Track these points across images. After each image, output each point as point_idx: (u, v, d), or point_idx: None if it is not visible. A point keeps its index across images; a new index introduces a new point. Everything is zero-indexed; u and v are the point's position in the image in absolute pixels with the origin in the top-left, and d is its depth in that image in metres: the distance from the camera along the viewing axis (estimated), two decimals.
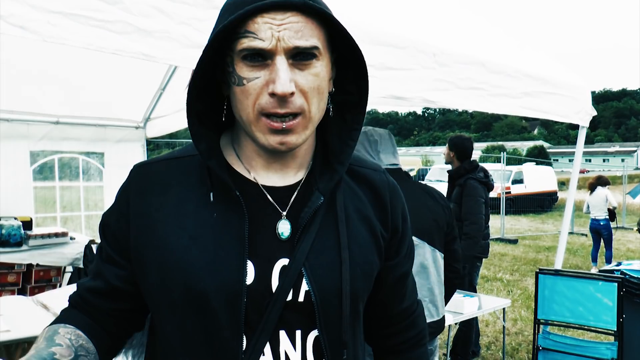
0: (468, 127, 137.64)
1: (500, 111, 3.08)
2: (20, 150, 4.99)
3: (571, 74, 3.70)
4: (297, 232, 0.95)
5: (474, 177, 4.54)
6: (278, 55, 0.85)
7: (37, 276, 4.73)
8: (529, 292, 7.37)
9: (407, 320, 1.18)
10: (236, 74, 0.88)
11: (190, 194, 0.95)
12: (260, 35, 0.84)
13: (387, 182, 1.10)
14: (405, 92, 2.43)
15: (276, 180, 0.98)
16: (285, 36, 0.84)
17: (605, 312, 3.58)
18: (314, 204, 0.95)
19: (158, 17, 1.63)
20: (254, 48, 0.85)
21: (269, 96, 0.86)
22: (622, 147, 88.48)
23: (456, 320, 3.86)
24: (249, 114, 0.88)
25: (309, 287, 0.92)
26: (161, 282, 0.93)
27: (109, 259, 1.00)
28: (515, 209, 18.80)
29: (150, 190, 0.97)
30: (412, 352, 1.19)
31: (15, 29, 1.38)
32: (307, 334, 0.94)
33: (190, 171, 0.98)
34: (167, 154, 1.04)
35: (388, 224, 1.07)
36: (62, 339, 0.92)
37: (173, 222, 0.94)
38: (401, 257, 1.12)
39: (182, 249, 0.91)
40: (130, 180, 1.00)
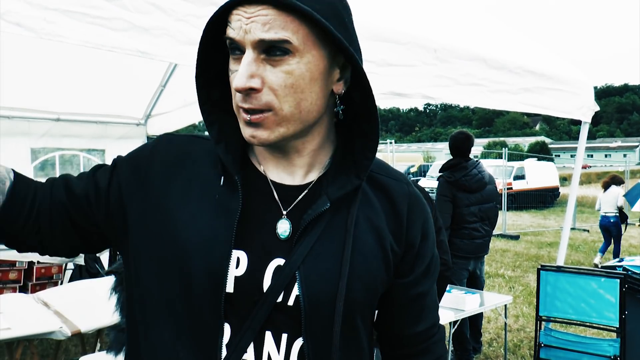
0: (470, 123, 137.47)
1: (501, 107, 3.07)
2: (21, 147, 4.99)
3: (573, 69, 3.68)
4: (297, 233, 0.92)
5: (444, 175, 4.70)
6: (247, 49, 0.84)
7: (38, 273, 4.74)
8: (531, 289, 7.36)
9: (423, 345, 1.08)
10: (229, 66, 0.90)
11: (202, 173, 0.96)
12: (232, 25, 0.85)
13: (408, 193, 1.03)
14: (405, 88, 2.42)
15: (285, 178, 0.97)
16: (252, 28, 0.82)
17: (607, 309, 3.57)
18: (319, 208, 0.92)
19: (155, 13, 1.62)
20: (228, 37, 0.86)
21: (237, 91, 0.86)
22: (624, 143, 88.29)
23: (458, 317, 3.86)
24: (235, 105, 0.89)
25: (299, 291, 0.89)
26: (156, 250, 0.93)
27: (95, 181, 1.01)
28: (517, 205, 18.78)
29: (170, 159, 0.98)
30: None
31: (11, 26, 1.36)
32: (293, 339, 0.91)
33: (209, 152, 0.98)
34: (193, 134, 1.05)
35: (402, 238, 1.00)
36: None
37: (179, 196, 0.94)
38: (417, 275, 1.03)
39: (182, 224, 0.92)
40: (158, 143, 1.02)
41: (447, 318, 3.71)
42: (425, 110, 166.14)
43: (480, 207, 4.74)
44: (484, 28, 3.25)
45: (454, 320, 3.79)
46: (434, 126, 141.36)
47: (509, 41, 3.34)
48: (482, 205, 4.75)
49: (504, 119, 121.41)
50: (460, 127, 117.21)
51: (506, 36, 3.38)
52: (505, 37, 3.35)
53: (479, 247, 4.77)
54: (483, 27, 3.26)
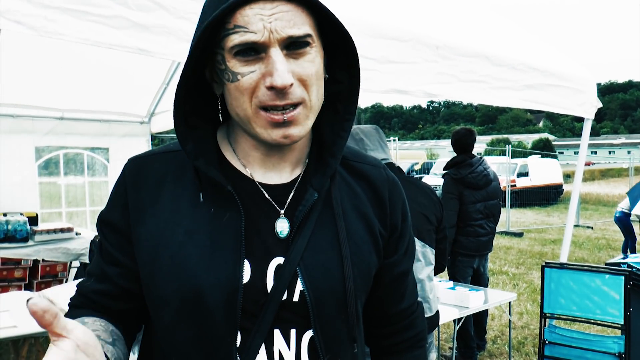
0: (473, 120, 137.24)
1: (503, 104, 3.06)
2: (25, 145, 5.01)
3: (576, 65, 3.67)
4: (293, 230, 0.93)
5: (449, 172, 4.67)
6: (272, 47, 0.83)
7: (43, 271, 4.75)
8: (535, 286, 7.35)
9: (406, 321, 1.16)
10: (229, 71, 0.85)
11: (186, 190, 0.93)
12: (251, 28, 0.82)
13: (386, 178, 1.07)
14: (407, 85, 2.42)
15: (273, 177, 0.96)
16: (278, 27, 0.82)
17: (611, 306, 3.56)
18: (308, 201, 0.93)
19: (157, 11, 1.62)
20: (246, 42, 0.82)
21: (267, 89, 0.83)
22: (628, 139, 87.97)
23: (462, 314, 3.86)
24: (246, 110, 0.86)
25: (304, 287, 0.91)
26: (154, 277, 0.91)
27: (113, 260, 0.97)
28: (521, 202, 18.75)
29: (145, 184, 0.95)
30: (410, 353, 1.16)
31: (12, 24, 1.37)
32: (302, 333, 0.93)
33: (186, 165, 0.95)
34: (163, 147, 1.01)
35: (387, 222, 1.04)
36: (94, 325, 0.88)
37: (168, 217, 0.92)
38: (399, 255, 1.09)
39: (177, 244, 0.90)
40: (125, 174, 0.98)
41: (451, 315, 3.70)
42: (428, 108, 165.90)
43: (485, 204, 4.74)
44: (486, 25, 3.24)
45: (459, 317, 3.79)
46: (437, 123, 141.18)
47: (511, 38, 3.33)
48: (487, 202, 4.75)
49: (507, 116, 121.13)
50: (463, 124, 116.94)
51: (509, 33, 3.37)
52: (508, 34, 3.34)
53: (484, 244, 4.77)
54: (486, 24, 3.25)
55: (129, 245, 0.94)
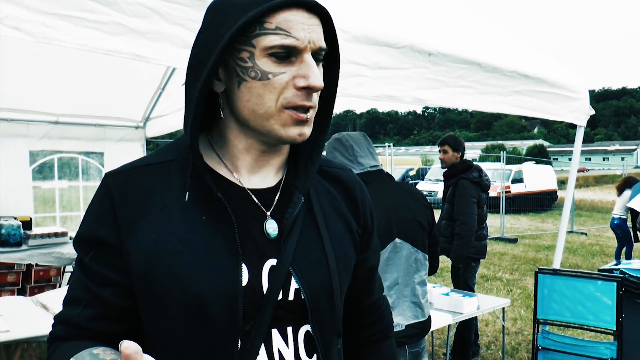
0: (468, 126, 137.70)
1: (490, 109, 3.06)
2: (19, 149, 5.00)
3: (569, 73, 3.69)
4: (284, 233, 0.97)
5: (466, 176, 4.56)
6: (306, 53, 0.89)
7: (36, 276, 4.74)
8: (529, 292, 7.37)
9: (377, 313, 1.23)
10: (259, 69, 0.89)
11: (174, 199, 0.94)
12: (293, 33, 0.88)
13: (355, 180, 1.15)
14: (397, 91, 2.44)
15: (258, 182, 1.00)
16: (314, 38, 0.90)
17: (604, 312, 3.58)
18: (297, 204, 0.99)
19: (152, 17, 1.63)
20: (288, 46, 0.88)
21: (297, 90, 0.89)
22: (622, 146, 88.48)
23: (456, 320, 3.86)
24: (270, 108, 0.90)
25: (299, 285, 0.95)
26: (150, 290, 0.90)
27: (104, 280, 0.93)
28: (515, 208, 18.80)
29: (133, 198, 0.93)
30: (382, 344, 1.24)
31: (10, 30, 1.38)
32: (297, 329, 0.97)
33: (171, 176, 0.96)
34: (142, 160, 1.00)
35: (360, 220, 1.12)
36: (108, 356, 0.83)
37: (160, 228, 0.91)
38: (371, 250, 1.17)
39: (173, 254, 0.90)
40: (109, 188, 0.94)
41: (445, 321, 3.71)
42: (423, 114, 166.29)
43: (485, 207, 4.77)
44: (480, 33, 3.26)
45: (452, 323, 3.80)
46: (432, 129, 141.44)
47: (505, 46, 3.35)
48: (485, 205, 4.78)
49: (501, 122, 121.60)
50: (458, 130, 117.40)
51: (503, 42, 3.39)
52: (501, 43, 3.36)
53: (485, 248, 4.80)
54: (479, 32, 3.27)
55: (121, 262, 0.92)
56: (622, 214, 9.35)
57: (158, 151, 1.03)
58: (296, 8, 0.88)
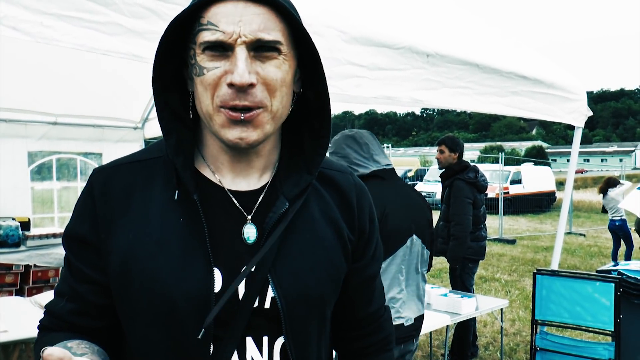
0: (466, 127, 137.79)
1: (486, 110, 3.06)
2: (18, 150, 4.99)
3: (567, 75, 3.70)
4: (262, 238, 0.93)
5: (462, 177, 4.57)
6: (237, 47, 0.83)
7: (34, 277, 4.73)
8: (527, 293, 7.37)
9: (375, 324, 1.17)
10: (197, 65, 0.86)
11: (155, 199, 0.92)
12: (221, 27, 0.83)
13: (353, 184, 1.09)
14: (395, 91, 2.44)
15: (241, 183, 0.96)
16: (247, 29, 0.83)
17: (602, 313, 3.58)
18: (279, 210, 0.93)
19: (150, 18, 1.63)
20: (215, 41, 0.84)
21: (227, 87, 0.84)
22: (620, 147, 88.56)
23: (454, 321, 3.87)
24: (208, 106, 0.86)
25: (275, 293, 0.91)
26: (125, 290, 0.89)
27: (84, 277, 0.94)
28: (514, 209, 18.81)
29: (113, 195, 0.93)
30: (378, 356, 1.17)
31: (9, 30, 1.39)
32: (274, 340, 0.94)
33: (155, 174, 0.94)
34: (129, 157, 0.99)
35: (355, 226, 1.05)
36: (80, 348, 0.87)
37: (137, 228, 0.90)
38: (367, 259, 1.10)
39: (148, 256, 0.88)
40: (92, 185, 0.95)
41: (443, 321, 3.72)
42: (422, 115, 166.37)
43: (483, 208, 4.76)
44: (479, 35, 3.27)
45: (451, 324, 3.80)
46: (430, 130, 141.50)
47: (503, 48, 3.35)
48: (483, 206, 4.77)
49: (500, 123, 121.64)
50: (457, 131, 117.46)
51: (501, 43, 3.40)
52: (500, 44, 3.36)
53: (484, 249, 4.79)
54: (478, 34, 3.28)
55: (100, 260, 0.92)
56: (623, 215, 9.34)
57: (147, 148, 1.01)
58: (231, 0, 0.84)
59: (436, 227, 4.85)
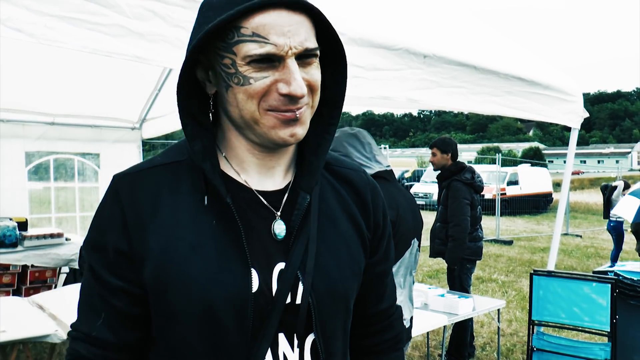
0: (464, 128, 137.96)
1: (482, 110, 3.07)
2: (15, 150, 4.99)
3: (564, 76, 3.72)
4: (292, 235, 0.95)
5: (459, 178, 4.59)
6: (289, 59, 0.85)
7: (32, 277, 4.72)
8: (524, 293, 7.39)
9: (385, 322, 1.17)
10: (240, 75, 0.86)
11: (184, 202, 0.92)
12: (271, 39, 0.83)
13: (367, 181, 1.11)
14: (391, 91, 2.45)
15: (267, 184, 0.97)
16: (296, 41, 0.84)
17: (599, 313, 3.60)
18: (302, 204, 0.96)
19: (152, 20, 1.64)
20: (265, 54, 0.84)
21: (279, 95, 0.85)
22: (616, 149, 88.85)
23: (451, 321, 3.88)
24: (253, 112, 0.87)
25: (305, 290, 0.93)
26: (162, 295, 0.90)
27: (118, 289, 0.92)
28: (511, 210, 18.84)
29: (142, 201, 0.92)
30: (389, 355, 1.18)
31: (12, 31, 1.40)
32: (305, 335, 0.95)
33: (180, 177, 0.94)
34: (148, 162, 0.98)
35: (370, 222, 1.08)
36: None
37: (170, 232, 0.90)
38: (380, 254, 1.12)
39: (183, 259, 0.89)
40: (118, 191, 0.93)
41: (440, 322, 3.73)
42: (419, 116, 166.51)
43: (479, 209, 4.78)
44: (476, 36, 3.28)
45: (448, 324, 3.81)
46: (428, 131, 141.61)
47: (501, 49, 3.37)
48: (479, 206, 4.79)
49: (497, 124, 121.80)
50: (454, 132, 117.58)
51: (498, 44, 3.41)
52: (497, 46, 3.38)
53: (481, 249, 4.81)
54: (476, 35, 3.29)
55: (133, 269, 0.91)
56: (619, 217, 9.37)
57: (165, 151, 1.00)
58: (274, 8, 0.83)
59: (433, 228, 4.87)
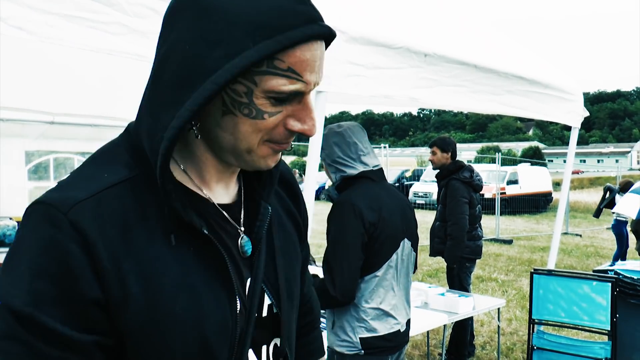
0: (463, 127, 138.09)
1: (483, 109, 3.06)
2: (15, 149, 5.00)
3: (564, 75, 3.72)
4: (257, 248, 0.90)
5: (457, 177, 4.59)
6: (307, 95, 0.79)
7: None
8: (524, 292, 7.40)
9: (307, 305, 1.21)
10: (254, 107, 0.76)
11: (156, 230, 0.78)
12: (305, 77, 0.75)
13: (291, 171, 1.09)
14: (391, 90, 2.45)
15: (223, 196, 0.90)
16: (319, 77, 0.78)
17: (599, 312, 3.60)
18: (266, 216, 0.91)
19: (153, 18, 1.64)
20: (293, 91, 0.76)
21: (286, 130, 0.79)
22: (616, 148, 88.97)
23: (452, 320, 3.88)
24: (253, 145, 0.79)
25: (271, 300, 0.92)
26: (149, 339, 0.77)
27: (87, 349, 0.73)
28: (510, 210, 18.85)
29: (111, 233, 0.75)
30: (311, 334, 1.23)
31: (14, 29, 1.40)
32: (268, 345, 0.94)
33: (142, 200, 0.79)
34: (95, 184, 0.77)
35: (301, 212, 1.08)
36: None
37: (149, 269, 0.76)
38: (305, 241, 1.14)
39: (170, 298, 0.78)
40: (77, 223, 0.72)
41: (440, 321, 3.73)
42: (419, 115, 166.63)
43: (478, 207, 4.79)
44: (477, 36, 3.28)
45: (448, 323, 3.81)
46: (427, 131, 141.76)
47: (501, 48, 3.37)
48: (479, 205, 4.80)
49: (497, 124, 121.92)
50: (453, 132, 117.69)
51: (497, 42, 3.42)
52: (498, 45, 3.38)
53: (480, 248, 4.82)
54: (477, 35, 3.29)
55: (107, 316, 0.74)
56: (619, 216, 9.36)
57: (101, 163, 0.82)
58: (315, 40, 0.75)
59: (432, 227, 4.88)
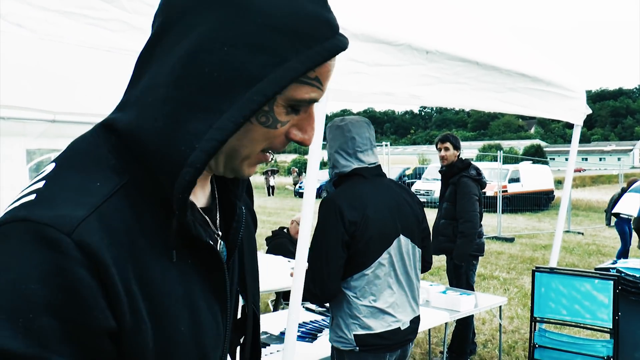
0: (465, 125, 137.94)
1: (485, 106, 3.05)
2: (16, 148, 5.00)
3: (566, 73, 3.71)
4: (232, 253, 0.87)
5: (467, 174, 4.58)
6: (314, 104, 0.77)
7: None
8: (526, 290, 7.39)
9: None
10: (272, 116, 0.73)
11: (156, 246, 0.72)
12: (324, 86, 0.74)
13: None
14: (393, 87, 2.44)
15: (202, 199, 0.85)
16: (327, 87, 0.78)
17: (600, 310, 3.60)
18: (241, 216, 0.88)
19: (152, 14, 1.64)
20: (313, 99, 0.74)
21: (285, 139, 0.76)
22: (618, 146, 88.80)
23: (453, 318, 3.88)
24: (255, 151, 0.76)
25: (244, 301, 0.92)
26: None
27: None
28: (512, 208, 18.84)
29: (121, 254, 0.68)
30: None
31: (13, 26, 1.39)
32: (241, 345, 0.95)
33: (139, 209, 0.72)
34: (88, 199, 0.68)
35: (253, 201, 1.05)
36: None
37: (156, 290, 0.71)
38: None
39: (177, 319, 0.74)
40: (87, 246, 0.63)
41: (442, 319, 3.73)
42: (420, 113, 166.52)
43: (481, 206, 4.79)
44: (480, 33, 3.27)
45: (450, 321, 3.81)
46: (429, 129, 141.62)
47: (504, 46, 3.36)
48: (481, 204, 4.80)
49: (498, 122, 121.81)
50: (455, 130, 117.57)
51: (499, 40, 3.41)
52: (498, 41, 3.37)
53: (483, 245, 4.82)
54: (479, 32, 3.28)
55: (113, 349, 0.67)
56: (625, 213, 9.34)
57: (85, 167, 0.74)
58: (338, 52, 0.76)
59: (436, 225, 4.85)
